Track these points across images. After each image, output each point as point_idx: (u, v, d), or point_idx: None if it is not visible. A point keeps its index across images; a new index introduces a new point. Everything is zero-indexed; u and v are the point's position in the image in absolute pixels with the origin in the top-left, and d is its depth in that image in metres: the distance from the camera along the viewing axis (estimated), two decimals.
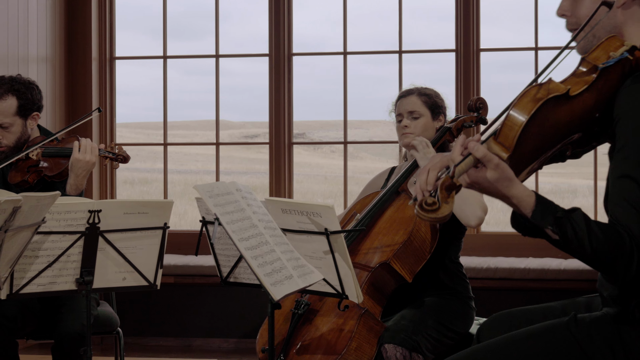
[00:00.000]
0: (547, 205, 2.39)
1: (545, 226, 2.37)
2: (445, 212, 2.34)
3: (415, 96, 3.96)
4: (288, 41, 6.75)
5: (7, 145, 4.20)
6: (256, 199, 3.24)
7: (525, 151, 2.40)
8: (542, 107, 2.36)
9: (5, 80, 4.21)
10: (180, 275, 6.29)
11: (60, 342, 3.88)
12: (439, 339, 3.64)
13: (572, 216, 2.37)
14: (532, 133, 2.38)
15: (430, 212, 2.33)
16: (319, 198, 20.22)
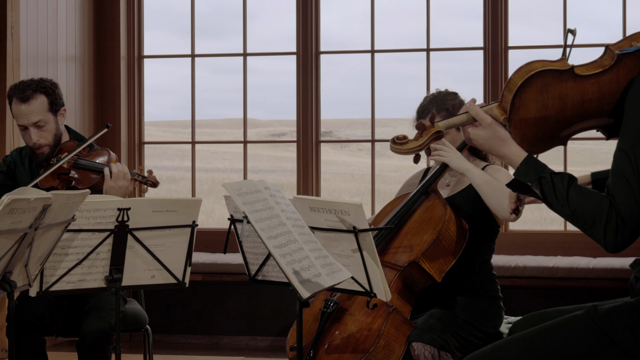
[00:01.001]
0: (533, 165, 2.64)
1: (526, 182, 2.63)
2: (410, 145, 2.72)
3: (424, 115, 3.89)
4: (315, 39, 6.75)
5: (47, 145, 4.24)
6: (284, 197, 3.24)
7: (528, 117, 2.63)
8: (538, 75, 2.59)
9: (31, 81, 4.26)
10: (208, 273, 6.31)
11: (84, 340, 3.89)
12: (468, 339, 3.63)
13: (554, 177, 2.60)
14: (530, 99, 2.61)
15: (398, 145, 2.72)
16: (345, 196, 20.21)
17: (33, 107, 4.21)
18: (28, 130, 4.22)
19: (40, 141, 4.22)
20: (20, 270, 3.04)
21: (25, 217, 2.82)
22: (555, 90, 2.60)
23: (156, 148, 17.64)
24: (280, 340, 6.39)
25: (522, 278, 5.94)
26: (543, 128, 2.64)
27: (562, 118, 2.63)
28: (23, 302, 3.93)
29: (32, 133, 4.21)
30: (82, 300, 4.06)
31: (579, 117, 2.64)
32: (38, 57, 6.32)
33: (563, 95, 2.61)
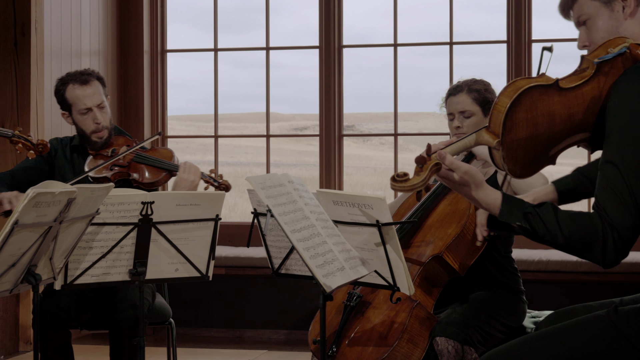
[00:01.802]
0: (514, 204, 2.56)
1: (514, 222, 2.54)
2: (413, 182, 2.59)
3: (464, 94, 3.90)
4: (338, 33, 6.74)
5: (106, 128, 4.30)
6: (308, 190, 3.24)
7: (518, 138, 2.54)
8: (526, 94, 2.50)
9: (83, 70, 4.36)
10: (231, 267, 6.32)
11: (117, 327, 3.90)
12: (491, 333, 3.62)
13: (539, 210, 2.53)
14: (520, 119, 2.52)
15: (400, 182, 2.59)
16: (368, 190, 20.20)
17: (94, 88, 4.28)
18: (91, 113, 4.26)
19: (103, 123, 4.26)
20: (45, 264, 3.05)
21: (50, 210, 2.83)
22: (543, 106, 2.53)
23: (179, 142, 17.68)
24: (302, 333, 6.39)
25: (545, 272, 5.92)
26: (534, 148, 2.56)
27: (551, 135, 2.55)
28: (49, 295, 3.95)
29: (97, 114, 4.26)
30: (110, 292, 4.08)
31: (567, 132, 2.57)
32: (62, 51, 6.34)
33: (551, 111, 2.53)
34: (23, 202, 2.73)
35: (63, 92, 4.29)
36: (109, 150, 4.29)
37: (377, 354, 3.40)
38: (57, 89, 4.33)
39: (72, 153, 4.35)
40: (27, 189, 2.75)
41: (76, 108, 4.27)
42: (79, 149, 4.36)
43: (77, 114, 4.28)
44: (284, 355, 6.05)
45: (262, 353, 6.10)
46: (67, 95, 4.28)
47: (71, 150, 4.36)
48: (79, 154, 4.35)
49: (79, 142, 4.36)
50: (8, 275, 2.90)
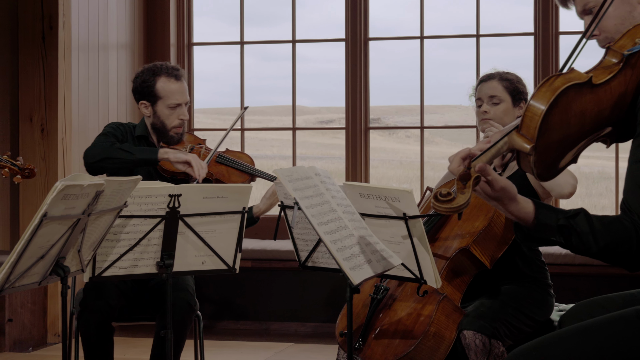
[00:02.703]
0: (547, 216, 2.45)
1: (549, 237, 2.46)
2: (460, 202, 2.37)
3: (496, 81, 3.90)
4: (364, 26, 6.73)
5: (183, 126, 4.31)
6: (334, 183, 3.24)
7: (551, 141, 2.40)
8: (562, 95, 2.35)
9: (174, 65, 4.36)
10: (258, 260, 6.33)
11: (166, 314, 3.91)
12: (518, 327, 3.61)
13: (574, 222, 2.44)
14: (555, 122, 2.37)
15: (445, 203, 2.37)
16: (394, 183, 20.17)
17: (185, 85, 4.29)
18: (179, 109, 4.26)
19: (185, 120, 4.29)
20: (73, 256, 3.07)
21: (79, 203, 2.85)
22: (577, 106, 2.39)
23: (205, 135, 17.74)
24: (329, 326, 6.39)
25: (572, 266, 5.89)
26: (562, 149, 2.44)
27: (580, 134, 2.44)
28: (96, 290, 3.94)
29: (185, 110, 4.27)
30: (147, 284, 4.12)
31: (594, 129, 2.46)
32: (89, 45, 6.37)
33: (583, 110, 2.41)
34: (52, 194, 2.74)
35: (153, 84, 4.24)
36: (185, 147, 4.30)
37: (403, 347, 3.39)
38: (145, 80, 4.27)
39: (138, 143, 4.31)
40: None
41: (166, 102, 4.24)
42: (146, 141, 4.33)
43: (165, 108, 4.25)
44: (310, 347, 6.06)
45: (288, 345, 6.11)
46: (159, 87, 4.24)
47: (136, 140, 4.32)
48: (145, 145, 4.31)
49: (146, 133, 4.32)
50: (37, 267, 2.91)
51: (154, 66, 4.30)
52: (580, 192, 14.21)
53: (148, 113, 4.28)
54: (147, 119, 4.31)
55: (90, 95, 6.40)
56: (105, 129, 4.29)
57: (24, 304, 5.96)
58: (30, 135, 6.12)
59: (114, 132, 4.26)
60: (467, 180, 2.41)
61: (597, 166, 20.23)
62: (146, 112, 4.29)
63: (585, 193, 18.48)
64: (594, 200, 18.43)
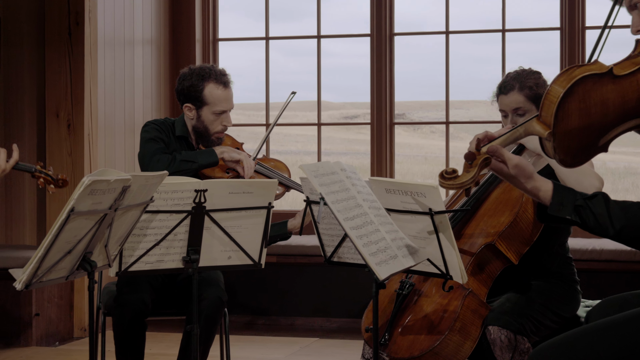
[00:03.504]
0: (565, 196, 2.56)
1: (565, 216, 2.54)
2: (462, 179, 2.60)
3: (516, 92, 3.78)
4: (389, 21, 6.72)
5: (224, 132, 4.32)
6: (360, 178, 3.24)
7: (570, 128, 2.49)
8: (578, 84, 2.45)
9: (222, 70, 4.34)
10: (283, 255, 6.34)
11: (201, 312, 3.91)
12: (544, 323, 3.59)
13: (591, 203, 2.53)
14: (572, 110, 2.47)
15: (449, 180, 2.60)
16: (418, 178, 20.13)
17: (232, 92, 4.27)
18: (224, 115, 4.25)
19: (228, 126, 4.28)
20: (100, 251, 3.08)
21: (105, 198, 2.86)
22: (596, 95, 2.47)
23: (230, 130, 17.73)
24: (354, 322, 6.40)
25: (599, 261, 5.86)
26: (586, 137, 2.51)
27: (604, 124, 2.50)
28: (130, 286, 3.96)
29: (229, 117, 4.27)
30: (176, 280, 4.13)
31: (620, 120, 2.51)
32: (115, 40, 6.39)
33: (604, 100, 2.48)
34: (79, 189, 2.76)
35: (201, 89, 4.22)
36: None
37: (429, 342, 3.39)
38: (193, 84, 4.23)
39: (178, 143, 4.30)
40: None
41: (212, 108, 4.22)
42: (185, 141, 4.32)
43: (210, 113, 4.23)
44: (335, 343, 6.06)
45: (313, 341, 6.12)
46: (207, 93, 4.21)
47: (176, 140, 4.31)
48: (185, 145, 4.31)
49: (186, 134, 4.31)
50: (64, 262, 2.93)
51: (202, 70, 4.25)
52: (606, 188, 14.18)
53: (192, 116, 4.26)
54: (188, 120, 4.28)
55: (116, 91, 6.42)
56: (148, 132, 4.24)
57: (51, 299, 6.00)
58: (57, 131, 6.15)
59: (160, 136, 4.24)
60: (472, 160, 2.59)
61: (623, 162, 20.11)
62: (189, 115, 4.26)
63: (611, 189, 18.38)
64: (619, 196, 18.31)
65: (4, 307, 5.90)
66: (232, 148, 4.23)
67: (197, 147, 4.30)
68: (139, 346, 4.00)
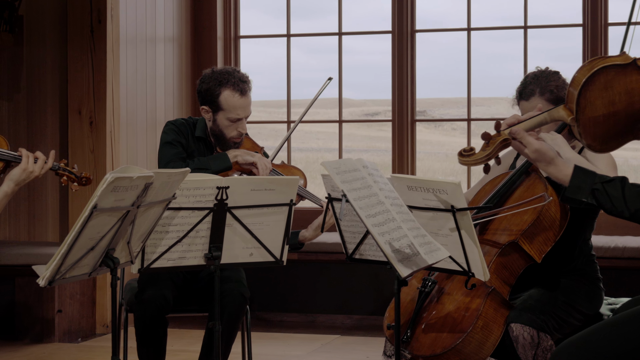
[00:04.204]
0: (583, 180, 2.70)
1: (581, 198, 2.69)
2: (477, 156, 2.84)
3: (537, 98, 3.72)
4: (411, 18, 6.71)
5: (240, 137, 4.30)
6: (382, 175, 3.23)
7: (595, 115, 2.64)
8: (599, 73, 2.59)
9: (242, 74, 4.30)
10: (304, 252, 6.34)
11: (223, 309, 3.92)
12: (567, 320, 3.58)
13: (607, 186, 2.65)
14: (594, 98, 2.61)
15: (465, 157, 2.85)
16: (439, 176, 20.09)
17: (249, 100, 4.25)
18: (240, 122, 4.23)
19: (244, 132, 4.27)
20: (123, 247, 3.10)
21: (128, 195, 2.87)
22: (620, 85, 2.57)
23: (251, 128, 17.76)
24: (376, 319, 6.40)
25: (622, 259, 5.84)
26: (614, 124, 2.62)
27: (631, 112, 2.60)
28: (152, 283, 3.97)
29: (245, 124, 4.25)
30: (197, 276, 4.14)
31: None
32: (137, 38, 6.41)
33: (629, 90, 2.58)
34: (102, 186, 2.77)
35: (217, 94, 4.20)
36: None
37: (451, 340, 3.38)
38: (210, 88, 4.22)
39: (198, 143, 4.30)
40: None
41: (227, 114, 4.20)
42: (204, 142, 4.32)
43: (225, 119, 4.21)
44: (357, 340, 6.06)
45: (335, 338, 6.12)
46: (222, 99, 4.20)
47: (196, 141, 4.31)
48: (204, 147, 4.31)
49: (205, 135, 4.31)
50: (87, 258, 2.94)
51: (222, 74, 4.23)
52: None
53: (209, 118, 4.25)
54: (207, 122, 4.30)
55: (138, 88, 6.44)
56: (167, 135, 4.24)
57: (73, 295, 6.03)
58: (79, 128, 6.18)
59: (178, 138, 4.24)
60: (488, 140, 2.81)
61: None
62: (207, 117, 4.26)
63: None
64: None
65: (27, 303, 5.94)
66: (245, 151, 4.21)
67: (216, 148, 4.30)
68: (161, 342, 4.02)
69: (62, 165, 3.86)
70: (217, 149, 4.29)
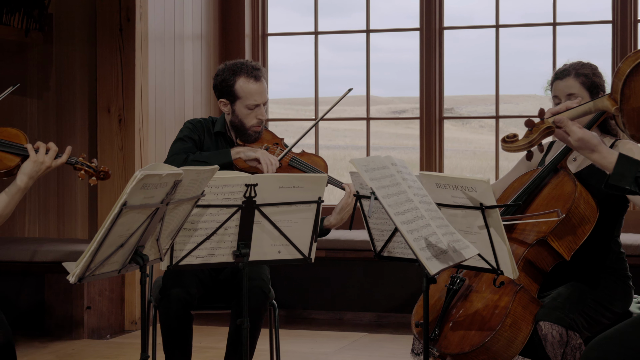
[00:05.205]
0: (627, 167, 2.76)
1: (624, 186, 2.76)
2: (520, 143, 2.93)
3: (572, 78, 3.77)
4: (439, 15, 6.69)
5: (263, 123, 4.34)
6: (411, 173, 3.23)
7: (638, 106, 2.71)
8: None
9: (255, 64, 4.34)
10: (332, 250, 6.35)
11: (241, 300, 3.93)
12: (596, 318, 3.56)
13: None
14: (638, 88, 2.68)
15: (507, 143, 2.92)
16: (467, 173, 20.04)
17: (265, 85, 4.30)
18: (258, 109, 4.26)
19: (264, 119, 4.30)
20: (152, 245, 3.11)
21: (157, 192, 2.88)
22: None
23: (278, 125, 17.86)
24: (403, 317, 6.39)
25: None
26: None
27: None
28: (173, 277, 3.99)
29: (264, 110, 4.29)
30: (220, 272, 4.15)
31: None
32: (165, 36, 6.43)
33: None
34: (131, 183, 2.78)
35: (232, 83, 4.25)
36: (261, 146, 4.31)
37: (479, 338, 3.38)
38: (225, 79, 4.27)
39: (216, 139, 4.34)
40: None
41: (244, 102, 4.24)
42: (224, 137, 4.35)
43: (243, 108, 4.25)
44: (384, 337, 6.06)
45: (362, 335, 6.12)
46: (238, 87, 4.24)
47: (214, 136, 4.35)
48: (223, 141, 4.34)
49: (225, 130, 4.34)
50: (117, 255, 2.96)
51: (235, 65, 4.29)
52: None
53: (227, 111, 4.29)
54: (226, 116, 4.33)
55: (167, 86, 6.47)
56: (182, 132, 4.30)
57: (102, 292, 6.06)
58: (108, 126, 6.21)
59: (191, 135, 4.27)
60: (531, 127, 2.88)
61: None
62: (225, 110, 4.30)
63: None
64: None
65: (56, 300, 5.97)
66: (248, 147, 4.22)
67: (236, 142, 4.32)
68: (186, 338, 4.03)
69: (80, 159, 3.81)
70: (237, 142, 4.31)
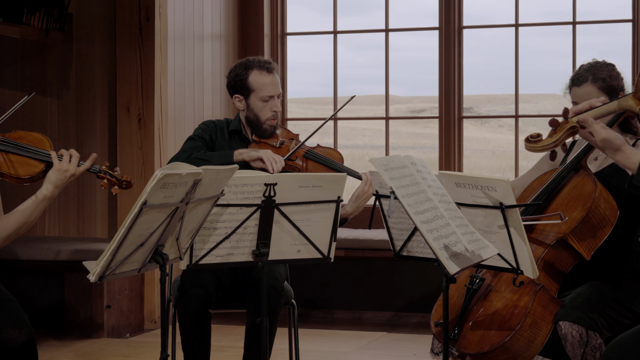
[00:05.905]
0: None
1: None
2: (545, 142, 2.92)
3: (589, 84, 3.72)
4: (458, 14, 6.68)
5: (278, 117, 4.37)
6: (430, 172, 3.23)
7: None
8: None
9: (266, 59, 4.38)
10: (351, 249, 6.35)
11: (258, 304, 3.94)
12: (616, 318, 3.55)
13: None
14: None
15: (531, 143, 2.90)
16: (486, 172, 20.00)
17: (277, 78, 4.34)
18: (273, 101, 4.29)
19: (279, 112, 4.33)
20: (172, 244, 3.12)
21: (177, 191, 2.89)
22: None
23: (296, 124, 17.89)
24: (422, 316, 6.38)
25: None
26: None
27: None
28: (192, 276, 4.00)
29: (278, 103, 4.32)
30: (237, 272, 4.16)
31: None
32: (185, 35, 6.45)
33: None
34: (151, 183, 2.79)
35: (245, 77, 4.29)
36: (276, 141, 4.33)
37: (499, 338, 3.37)
38: (238, 73, 4.32)
39: (231, 138, 4.36)
40: None
41: (259, 94, 4.28)
42: (239, 135, 4.37)
43: (258, 100, 4.28)
44: (403, 337, 6.05)
45: (381, 335, 6.12)
46: (251, 80, 4.29)
47: (229, 135, 4.37)
48: (238, 139, 4.36)
49: (240, 127, 4.37)
50: (137, 254, 2.97)
51: (247, 60, 4.35)
52: None
53: (242, 107, 4.33)
54: (241, 112, 4.35)
55: (186, 86, 6.48)
56: (195, 131, 4.35)
57: (122, 291, 6.08)
58: (128, 125, 6.23)
59: (202, 134, 4.31)
60: (556, 127, 2.87)
61: None
62: (240, 106, 4.33)
63: None
64: None
65: (76, 299, 6.00)
66: (252, 148, 4.25)
67: (252, 139, 4.34)
68: (205, 337, 4.04)
69: (103, 168, 3.80)
70: (253, 138, 4.32)
